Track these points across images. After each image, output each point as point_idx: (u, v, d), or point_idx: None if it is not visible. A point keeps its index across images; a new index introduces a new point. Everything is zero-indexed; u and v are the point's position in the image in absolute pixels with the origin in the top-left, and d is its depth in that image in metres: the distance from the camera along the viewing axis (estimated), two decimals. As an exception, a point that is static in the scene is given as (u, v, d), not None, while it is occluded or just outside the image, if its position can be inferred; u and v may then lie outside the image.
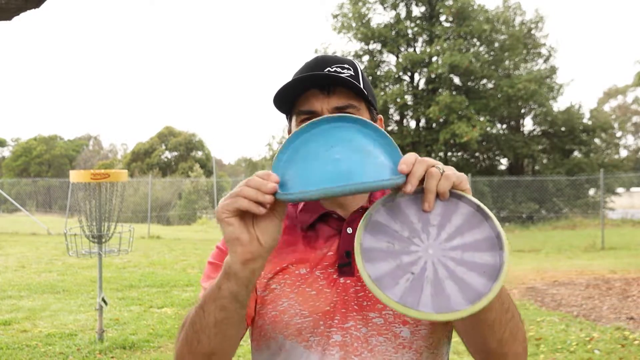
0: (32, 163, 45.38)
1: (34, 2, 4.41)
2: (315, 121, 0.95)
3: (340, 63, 1.15)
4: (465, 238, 0.83)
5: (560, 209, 21.34)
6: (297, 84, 1.10)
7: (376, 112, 1.20)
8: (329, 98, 1.10)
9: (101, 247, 5.52)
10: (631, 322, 5.95)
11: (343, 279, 1.09)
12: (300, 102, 1.12)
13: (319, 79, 1.09)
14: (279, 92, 1.10)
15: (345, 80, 1.08)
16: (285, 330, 1.07)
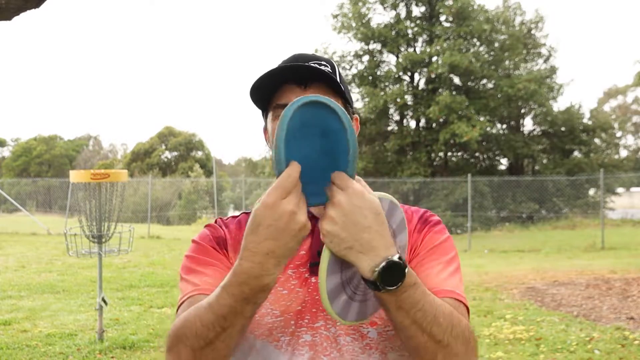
0: (32, 163, 45.40)
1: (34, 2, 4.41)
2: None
3: (318, 60, 1.13)
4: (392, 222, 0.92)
5: (560, 209, 21.34)
6: (274, 76, 1.07)
7: (352, 110, 1.18)
8: (305, 92, 1.07)
9: (101, 247, 5.52)
10: (631, 322, 5.95)
11: (314, 278, 1.08)
12: (277, 96, 1.10)
13: (295, 71, 1.07)
14: (255, 85, 1.08)
15: (323, 74, 1.06)
16: (256, 330, 1.06)
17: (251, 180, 26.64)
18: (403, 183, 20.84)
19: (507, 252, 13.36)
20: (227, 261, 1.13)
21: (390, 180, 20.78)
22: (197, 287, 1.08)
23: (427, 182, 20.50)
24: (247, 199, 24.17)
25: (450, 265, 1.09)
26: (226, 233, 1.17)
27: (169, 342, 0.97)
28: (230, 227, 1.19)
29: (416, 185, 20.80)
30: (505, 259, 11.84)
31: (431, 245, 1.12)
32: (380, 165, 22.93)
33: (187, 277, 1.10)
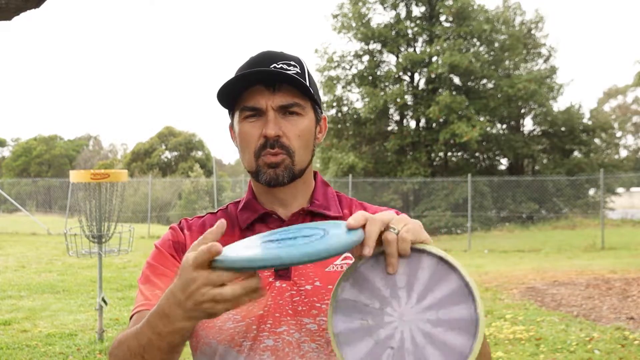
0: (32, 163, 45.39)
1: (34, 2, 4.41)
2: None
3: (287, 60, 1.12)
4: (436, 294, 0.79)
5: (560, 209, 21.34)
6: (242, 81, 1.08)
7: (321, 111, 1.18)
8: (274, 95, 1.08)
9: (101, 247, 5.52)
10: (631, 322, 5.95)
11: (279, 282, 1.07)
12: (245, 98, 1.10)
13: (264, 75, 1.07)
14: (223, 88, 1.08)
15: (291, 78, 1.06)
16: (218, 336, 1.04)
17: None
18: (403, 183, 20.83)
19: (507, 252, 13.36)
20: None
21: (390, 180, 20.79)
22: (147, 301, 1.09)
23: (427, 182, 20.50)
24: (247, 199, 24.14)
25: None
26: (187, 237, 1.16)
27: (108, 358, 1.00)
28: (193, 230, 1.17)
29: (416, 186, 20.79)
30: (505, 259, 11.84)
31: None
32: (380, 165, 22.93)
33: (142, 287, 1.11)
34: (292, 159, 1.09)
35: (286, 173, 1.09)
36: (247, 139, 1.11)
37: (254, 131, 1.10)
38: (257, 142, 1.09)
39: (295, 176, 1.11)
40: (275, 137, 1.07)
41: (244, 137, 1.12)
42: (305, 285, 1.07)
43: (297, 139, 1.09)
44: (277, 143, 1.08)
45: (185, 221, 1.20)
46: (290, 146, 1.09)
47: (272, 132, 1.06)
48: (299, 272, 1.07)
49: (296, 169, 1.10)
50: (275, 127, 1.07)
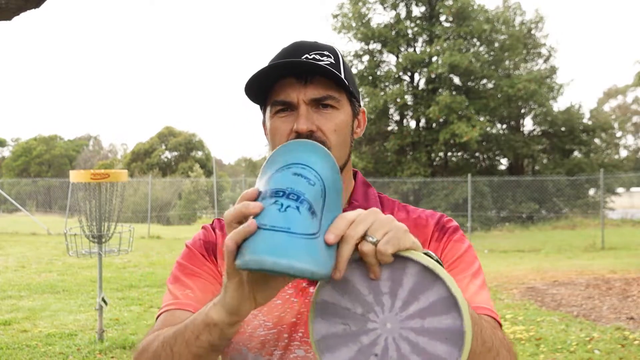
0: (32, 163, 45.39)
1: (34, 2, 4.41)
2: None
3: (319, 50, 1.05)
4: (421, 302, 0.75)
5: (560, 209, 21.34)
6: (270, 72, 0.99)
7: (358, 104, 1.10)
8: (305, 88, 1.00)
9: (101, 247, 5.52)
10: (631, 322, 5.95)
11: (312, 287, 1.00)
12: (275, 92, 1.02)
13: (294, 66, 0.99)
14: (251, 80, 1.00)
15: (324, 69, 0.98)
16: (248, 343, 0.99)
17: (251, 180, 26.62)
18: (403, 183, 20.83)
19: (507, 252, 13.36)
20: (215, 270, 1.06)
21: (390, 180, 20.79)
22: (176, 300, 1.02)
23: (427, 182, 20.50)
24: (247, 199, 24.10)
25: (476, 278, 1.01)
26: (218, 237, 1.10)
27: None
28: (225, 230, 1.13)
29: (416, 186, 20.79)
30: (505, 259, 11.84)
31: (454, 257, 1.03)
32: (380, 165, 22.93)
33: (170, 286, 1.05)
34: None
35: None
36: (278, 136, 1.03)
37: (285, 127, 1.02)
38: (288, 138, 1.01)
39: None
40: (307, 133, 0.99)
41: (274, 134, 1.04)
42: None
43: (334, 134, 1.01)
44: (312, 138, 0.99)
45: (218, 221, 1.14)
46: (326, 142, 1.00)
47: (304, 127, 0.98)
48: None
49: None
50: (307, 121, 0.99)
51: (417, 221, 1.08)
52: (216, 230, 1.11)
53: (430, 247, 1.05)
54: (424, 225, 1.07)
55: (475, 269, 1.02)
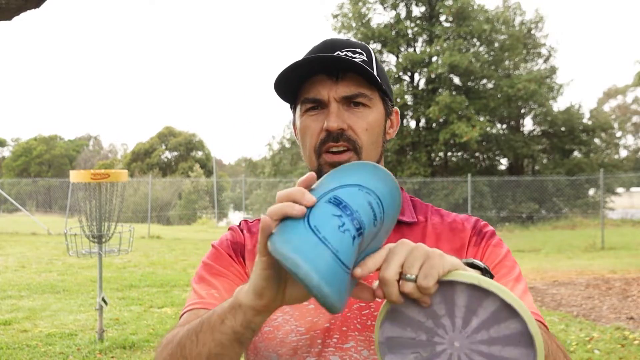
0: (32, 163, 45.40)
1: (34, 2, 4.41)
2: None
3: (352, 47, 1.02)
4: (481, 315, 0.74)
5: (560, 209, 21.34)
6: (301, 69, 0.96)
7: (391, 103, 1.06)
8: (337, 85, 0.97)
9: (101, 247, 5.52)
10: (631, 322, 5.96)
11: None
12: (305, 89, 0.99)
13: (325, 62, 0.96)
14: (280, 76, 0.97)
15: (355, 65, 0.94)
16: (279, 349, 0.95)
17: (251, 180, 26.64)
18: (403, 183, 20.84)
19: (507, 252, 13.35)
20: (242, 271, 1.03)
21: (390, 180, 20.79)
22: (201, 299, 0.99)
23: (427, 182, 20.51)
24: (247, 199, 24.18)
25: (519, 282, 0.97)
26: (246, 239, 1.07)
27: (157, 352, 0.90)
28: (253, 232, 1.08)
29: (416, 185, 20.80)
30: (505, 259, 11.83)
31: (495, 262, 1.00)
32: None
33: (196, 286, 1.02)
34: (359, 156, 0.98)
35: None
36: (308, 134, 1.00)
37: (315, 125, 0.99)
38: (318, 137, 0.98)
39: None
40: (338, 131, 0.96)
41: (304, 133, 1.01)
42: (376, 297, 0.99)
43: (365, 134, 0.98)
44: (342, 137, 0.97)
45: (245, 222, 1.11)
46: (357, 141, 0.97)
47: (335, 124, 0.96)
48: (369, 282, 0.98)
49: None
50: (337, 119, 0.96)
51: (452, 225, 1.05)
52: (244, 232, 1.08)
53: (469, 252, 1.02)
54: (460, 229, 1.04)
55: (516, 274, 0.99)
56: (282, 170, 25.33)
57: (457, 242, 1.02)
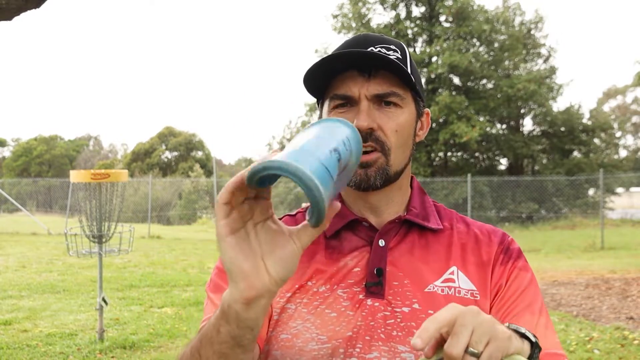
0: (32, 163, 45.41)
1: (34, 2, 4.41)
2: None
3: (386, 43, 0.97)
4: None
5: (560, 209, 21.35)
6: (331, 62, 0.92)
7: (423, 104, 1.02)
8: (368, 82, 0.93)
9: (101, 247, 5.53)
10: (631, 322, 5.96)
11: (371, 300, 0.92)
12: (335, 85, 0.95)
13: (357, 57, 0.92)
14: (310, 70, 0.92)
15: (390, 62, 0.90)
16: (298, 357, 0.90)
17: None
18: (403, 183, 20.87)
19: (507, 252, 13.36)
20: None
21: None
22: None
23: (427, 182, 20.51)
24: (247, 199, 24.06)
25: (542, 315, 0.93)
26: None
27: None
28: None
29: (416, 185, 20.82)
30: (505, 259, 11.84)
31: (520, 289, 0.95)
32: (380, 165, 22.97)
33: (212, 295, 0.96)
34: (387, 157, 0.94)
35: (379, 175, 0.94)
36: None
37: None
38: None
39: (390, 179, 0.96)
40: (368, 130, 0.92)
41: None
42: (402, 307, 0.92)
43: (395, 135, 0.94)
44: (371, 137, 0.92)
45: None
46: (386, 142, 0.93)
47: (365, 123, 0.91)
48: (394, 290, 0.93)
49: (391, 171, 0.96)
50: (368, 118, 0.92)
51: (478, 237, 1.01)
52: None
53: (495, 271, 0.97)
54: (487, 243, 1.00)
55: (540, 304, 0.95)
56: (282, 171, 25.31)
57: (483, 256, 0.99)
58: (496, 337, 0.65)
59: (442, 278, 0.95)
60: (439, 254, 0.98)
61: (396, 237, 0.98)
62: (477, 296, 0.94)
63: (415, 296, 0.93)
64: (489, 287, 0.96)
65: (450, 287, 0.94)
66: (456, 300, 0.92)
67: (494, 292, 0.96)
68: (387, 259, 0.95)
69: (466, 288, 0.95)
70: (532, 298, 0.95)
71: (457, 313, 0.65)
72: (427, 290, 0.93)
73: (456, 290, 0.94)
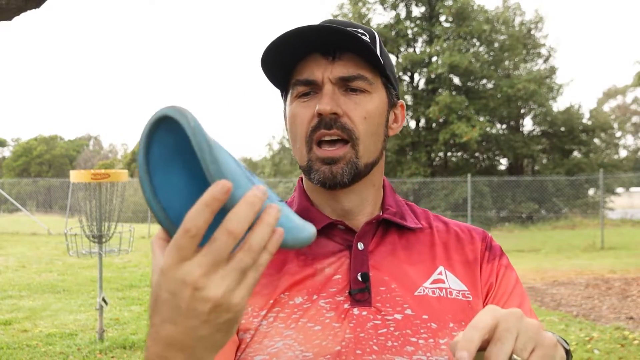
0: (32, 163, 45.42)
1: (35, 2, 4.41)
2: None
3: (354, 27, 0.87)
4: None
5: (560, 209, 21.34)
6: (289, 42, 0.81)
7: (396, 94, 0.91)
8: (332, 64, 0.83)
9: (101, 247, 5.53)
10: (630, 322, 5.96)
11: (357, 309, 0.83)
12: (297, 71, 0.85)
13: (319, 33, 0.81)
14: (266, 55, 0.82)
15: (356, 40, 0.80)
16: None
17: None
18: (403, 183, 20.85)
19: (507, 251, 13.16)
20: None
21: (390, 180, 20.58)
22: None
23: (427, 182, 20.51)
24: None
25: (532, 316, 0.87)
26: None
27: None
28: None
29: (416, 186, 20.81)
30: (505, 259, 11.84)
31: (509, 289, 0.92)
32: (380, 165, 22.97)
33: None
34: (355, 149, 0.84)
35: (347, 170, 0.84)
36: (297, 123, 0.85)
37: (306, 112, 0.84)
38: (309, 125, 0.84)
39: (359, 174, 0.85)
40: (332, 116, 0.82)
41: (293, 121, 0.86)
42: (394, 314, 0.84)
43: (363, 123, 0.84)
44: (336, 124, 0.82)
45: None
46: (353, 130, 0.83)
47: (328, 107, 0.81)
48: (382, 296, 0.85)
49: (361, 164, 0.85)
50: (331, 102, 0.81)
51: (459, 235, 0.97)
52: None
53: (483, 269, 0.93)
54: (470, 240, 0.96)
55: (529, 304, 0.92)
56: (282, 171, 25.34)
57: (468, 254, 0.94)
58: (542, 344, 0.60)
59: (430, 279, 0.89)
60: (423, 254, 0.92)
61: (374, 239, 0.90)
62: (470, 296, 0.89)
63: (406, 301, 0.85)
64: (480, 286, 0.91)
65: (441, 288, 0.88)
66: (449, 302, 0.88)
67: (485, 291, 0.91)
68: (369, 263, 0.87)
69: (457, 288, 0.89)
70: (522, 298, 0.92)
71: (498, 317, 0.59)
72: (417, 294, 0.86)
73: (447, 291, 0.89)
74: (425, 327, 0.83)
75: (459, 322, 0.86)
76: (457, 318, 0.87)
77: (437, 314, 0.85)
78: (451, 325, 0.86)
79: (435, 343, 0.83)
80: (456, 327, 0.86)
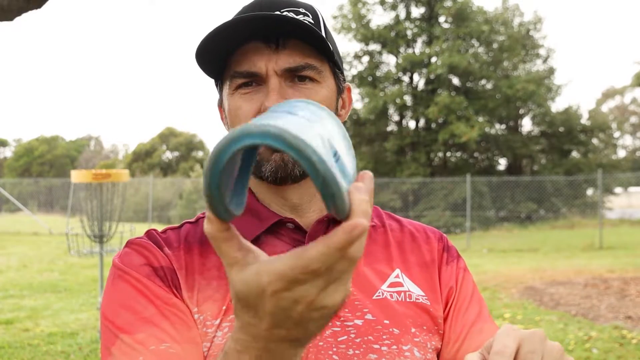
0: (34, 163, 45.45)
1: (36, 3, 4.44)
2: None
3: (294, 6, 0.81)
4: None
5: (559, 208, 21.37)
6: (228, 31, 0.74)
7: (343, 78, 0.86)
8: (277, 54, 0.76)
9: (102, 246, 5.56)
10: (629, 321, 5.99)
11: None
12: (236, 61, 0.78)
13: (259, 24, 0.74)
14: (203, 44, 0.76)
15: (303, 27, 0.73)
16: None
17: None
18: (402, 183, 20.88)
19: (506, 251, 13.39)
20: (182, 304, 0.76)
21: (389, 180, 20.83)
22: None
23: (426, 182, 20.54)
24: (247, 199, 24.12)
25: (492, 320, 0.88)
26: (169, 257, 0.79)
27: None
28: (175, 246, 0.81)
29: (415, 186, 20.84)
30: (504, 259, 11.87)
31: (469, 293, 0.89)
32: (380, 165, 22.98)
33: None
34: None
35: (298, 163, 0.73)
36: (239, 118, 0.78)
37: (250, 106, 0.78)
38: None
39: None
40: None
41: (235, 115, 0.79)
42: (354, 320, 0.78)
43: None
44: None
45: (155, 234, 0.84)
46: None
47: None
48: None
49: None
50: (280, 98, 0.75)
51: (414, 235, 0.92)
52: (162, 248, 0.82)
53: (442, 272, 0.89)
54: (426, 240, 0.91)
55: (487, 309, 0.89)
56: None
57: (425, 255, 0.89)
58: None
59: (387, 282, 0.84)
60: (378, 255, 0.86)
61: None
62: (427, 301, 0.85)
63: (365, 305, 0.79)
64: (439, 290, 0.86)
65: (399, 292, 0.83)
66: (411, 305, 0.83)
67: (445, 295, 0.87)
68: None
69: (415, 292, 0.85)
70: (481, 303, 0.89)
71: (519, 338, 0.57)
72: (376, 297, 0.81)
73: (407, 294, 0.84)
74: (388, 332, 0.78)
75: (420, 327, 0.82)
76: (418, 322, 0.83)
77: (398, 318, 0.81)
78: (413, 330, 0.81)
79: (399, 350, 0.78)
80: (418, 332, 0.82)
